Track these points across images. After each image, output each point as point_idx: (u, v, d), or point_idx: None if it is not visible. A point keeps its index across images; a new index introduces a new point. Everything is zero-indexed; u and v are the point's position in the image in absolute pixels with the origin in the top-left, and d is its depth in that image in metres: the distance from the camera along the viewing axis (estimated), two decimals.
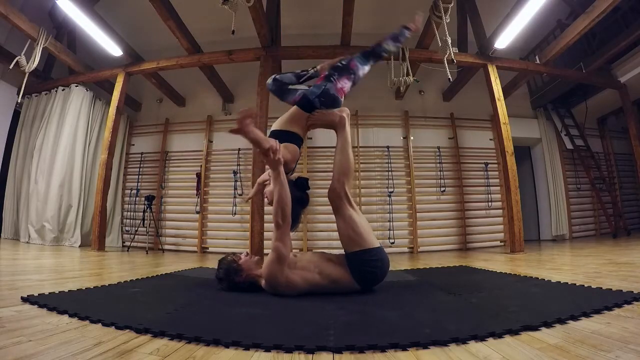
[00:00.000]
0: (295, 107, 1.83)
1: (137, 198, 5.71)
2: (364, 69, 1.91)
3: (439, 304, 1.39)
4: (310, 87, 1.87)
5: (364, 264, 1.57)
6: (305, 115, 1.81)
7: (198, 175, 5.60)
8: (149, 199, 4.87)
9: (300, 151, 1.89)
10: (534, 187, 6.24)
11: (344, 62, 1.87)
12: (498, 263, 3.03)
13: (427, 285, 1.91)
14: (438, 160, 5.55)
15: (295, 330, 1.02)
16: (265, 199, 1.79)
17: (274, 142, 1.51)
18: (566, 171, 5.94)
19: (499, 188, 5.51)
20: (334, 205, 1.69)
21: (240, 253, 1.77)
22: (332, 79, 1.81)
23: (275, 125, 1.87)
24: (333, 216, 1.72)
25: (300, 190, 1.72)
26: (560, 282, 1.73)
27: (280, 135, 1.77)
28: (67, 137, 4.97)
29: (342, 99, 1.86)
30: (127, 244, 5.20)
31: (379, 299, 1.51)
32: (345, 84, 1.83)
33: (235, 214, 5.42)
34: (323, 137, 5.32)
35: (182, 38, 4.42)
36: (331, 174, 1.78)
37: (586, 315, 1.07)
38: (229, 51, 4.55)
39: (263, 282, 1.61)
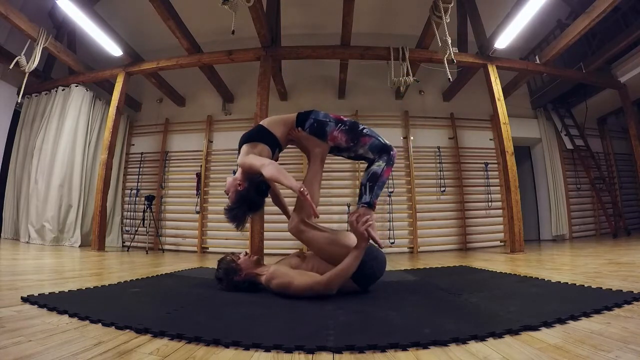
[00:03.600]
0: (294, 114, 1.80)
1: (137, 198, 5.71)
2: (365, 152, 1.72)
3: (439, 304, 1.39)
4: (321, 112, 1.80)
5: (359, 269, 1.56)
6: (293, 126, 1.77)
7: (198, 175, 5.60)
8: (149, 199, 4.87)
9: (276, 157, 1.82)
10: (534, 187, 6.24)
11: (363, 131, 1.72)
12: (498, 263, 3.03)
13: (427, 285, 1.91)
14: (438, 160, 5.55)
15: (295, 330, 1.02)
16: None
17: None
18: (566, 171, 5.94)
19: (499, 188, 5.51)
20: (300, 238, 1.65)
21: (240, 253, 1.77)
22: (339, 125, 1.73)
23: (264, 121, 1.83)
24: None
25: (258, 194, 1.68)
26: (560, 282, 1.73)
27: (263, 134, 1.75)
28: (67, 137, 4.97)
29: (328, 142, 1.75)
30: (127, 244, 5.20)
31: (379, 299, 1.51)
32: (342, 140, 1.73)
33: None
34: None
35: (182, 38, 4.42)
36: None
37: (586, 315, 1.07)
38: (229, 51, 4.55)
39: (263, 278, 1.61)
